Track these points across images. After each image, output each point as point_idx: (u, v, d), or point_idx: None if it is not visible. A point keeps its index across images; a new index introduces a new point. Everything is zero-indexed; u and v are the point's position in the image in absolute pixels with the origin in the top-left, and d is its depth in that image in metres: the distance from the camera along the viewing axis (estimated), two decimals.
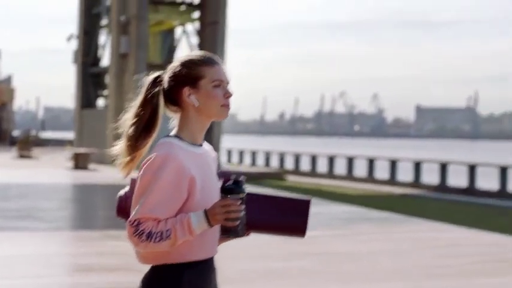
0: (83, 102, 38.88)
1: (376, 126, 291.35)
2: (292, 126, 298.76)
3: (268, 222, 2.99)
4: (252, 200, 2.96)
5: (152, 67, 36.94)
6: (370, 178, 32.83)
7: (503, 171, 27.08)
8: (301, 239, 3.00)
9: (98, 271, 8.66)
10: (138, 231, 2.78)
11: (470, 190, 27.60)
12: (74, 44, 39.59)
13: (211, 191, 2.90)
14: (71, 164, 30.91)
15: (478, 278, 8.79)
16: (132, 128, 2.95)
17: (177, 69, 2.96)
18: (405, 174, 31.81)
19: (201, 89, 2.92)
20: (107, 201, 17.51)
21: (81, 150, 32.03)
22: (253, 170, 35.81)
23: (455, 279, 8.63)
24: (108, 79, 36.80)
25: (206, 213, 2.78)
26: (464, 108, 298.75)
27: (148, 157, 2.85)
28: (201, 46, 35.27)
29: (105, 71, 37.45)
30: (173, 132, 2.96)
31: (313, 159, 37.91)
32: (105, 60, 38.31)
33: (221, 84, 2.93)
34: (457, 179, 29.24)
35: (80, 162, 30.02)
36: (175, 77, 2.94)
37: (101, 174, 26.89)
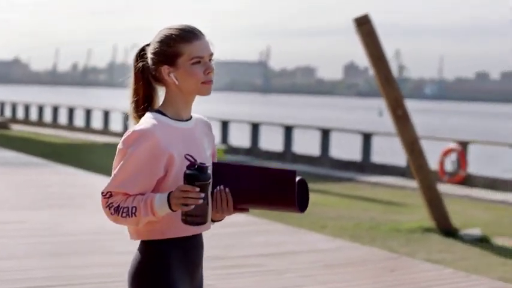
0: None
1: None
2: (85, 77, 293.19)
3: (254, 194, 2.85)
4: (232, 169, 2.89)
5: None
6: (70, 126, 35.02)
7: (255, 127, 25.51)
8: (300, 214, 2.80)
9: None
10: (108, 203, 2.78)
11: None
12: None
13: None
14: None
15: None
16: (133, 105, 2.93)
17: (156, 46, 2.87)
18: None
19: (179, 68, 2.84)
20: None
21: None
22: None
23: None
24: None
25: (169, 196, 2.75)
26: (257, 62, 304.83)
27: (128, 131, 2.82)
28: None
29: None
30: (158, 107, 2.92)
31: (41, 110, 38.71)
32: None
33: (201, 60, 2.84)
34: None
35: None
36: (155, 55, 2.87)
37: None
